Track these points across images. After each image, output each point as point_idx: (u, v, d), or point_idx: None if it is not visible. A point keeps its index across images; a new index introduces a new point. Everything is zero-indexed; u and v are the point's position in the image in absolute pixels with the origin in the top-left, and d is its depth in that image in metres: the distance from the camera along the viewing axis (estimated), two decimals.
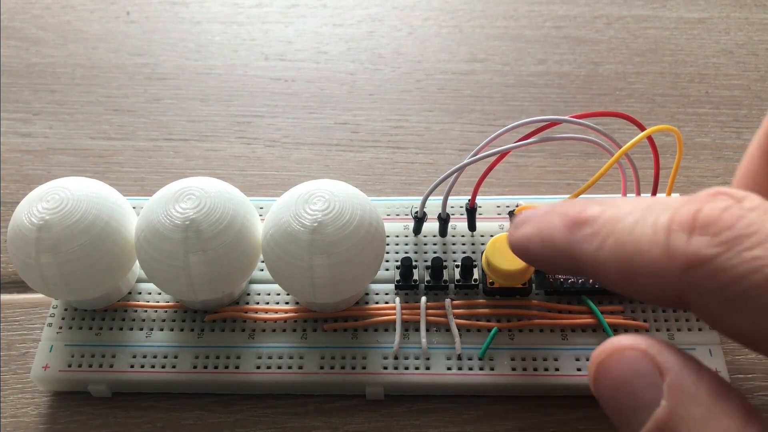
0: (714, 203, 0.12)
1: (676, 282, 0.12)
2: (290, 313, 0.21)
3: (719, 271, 0.12)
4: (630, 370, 0.13)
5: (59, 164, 0.27)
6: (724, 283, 0.12)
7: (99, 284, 0.20)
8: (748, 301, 0.11)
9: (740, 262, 0.11)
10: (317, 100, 0.29)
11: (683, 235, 0.12)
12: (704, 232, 0.12)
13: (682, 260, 0.12)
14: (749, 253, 0.11)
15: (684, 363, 0.12)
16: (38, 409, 0.21)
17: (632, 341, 0.13)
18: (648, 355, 0.13)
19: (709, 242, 0.12)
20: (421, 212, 0.22)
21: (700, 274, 0.12)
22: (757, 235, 0.12)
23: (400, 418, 0.20)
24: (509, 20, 0.32)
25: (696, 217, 0.12)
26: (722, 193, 0.13)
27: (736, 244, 0.12)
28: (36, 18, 0.33)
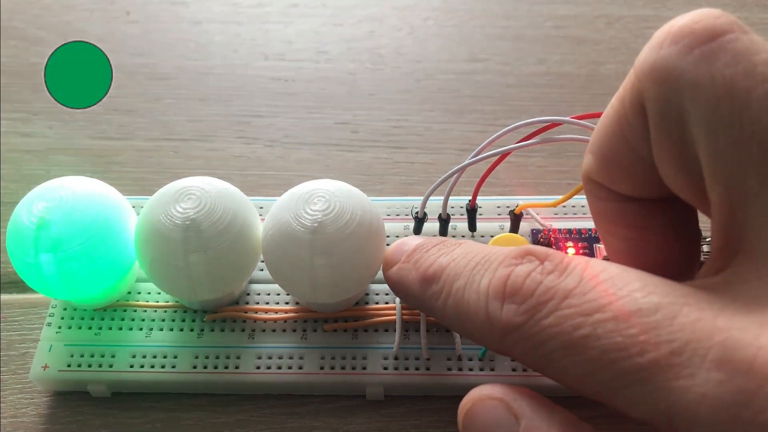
0: (521, 267, 0.14)
1: (499, 342, 0.14)
2: (290, 313, 0.21)
3: (526, 337, 0.13)
4: (490, 419, 0.14)
5: (59, 164, 0.27)
6: (531, 347, 0.13)
7: (99, 284, 0.20)
8: (550, 363, 0.13)
9: (539, 330, 0.13)
10: (317, 100, 0.29)
11: (497, 303, 0.14)
12: (512, 300, 0.14)
13: (499, 327, 0.14)
14: (545, 321, 0.13)
15: (536, 406, 0.14)
16: (38, 410, 0.21)
17: (490, 390, 0.15)
18: (504, 402, 0.14)
19: (516, 311, 0.14)
20: (422, 212, 0.22)
21: (514, 339, 0.14)
22: (552, 301, 0.13)
23: (400, 418, 0.20)
24: (509, 20, 0.32)
25: (506, 284, 0.14)
26: (530, 254, 0.14)
27: (535, 312, 0.13)
28: (36, 18, 0.33)
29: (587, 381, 0.13)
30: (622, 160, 0.15)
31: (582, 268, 0.13)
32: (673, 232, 0.16)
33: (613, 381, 0.12)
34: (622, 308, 0.12)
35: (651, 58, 0.14)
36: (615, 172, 0.15)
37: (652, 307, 0.12)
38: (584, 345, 0.12)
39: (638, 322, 0.12)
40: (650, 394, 0.12)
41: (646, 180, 0.15)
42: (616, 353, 0.12)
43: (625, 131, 0.15)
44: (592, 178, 0.16)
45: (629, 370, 0.12)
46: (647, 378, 0.12)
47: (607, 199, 0.16)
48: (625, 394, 0.12)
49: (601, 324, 0.12)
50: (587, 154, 0.16)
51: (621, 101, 0.15)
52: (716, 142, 0.12)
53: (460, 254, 0.16)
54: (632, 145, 0.15)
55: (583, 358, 0.12)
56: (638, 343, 0.12)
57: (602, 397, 0.13)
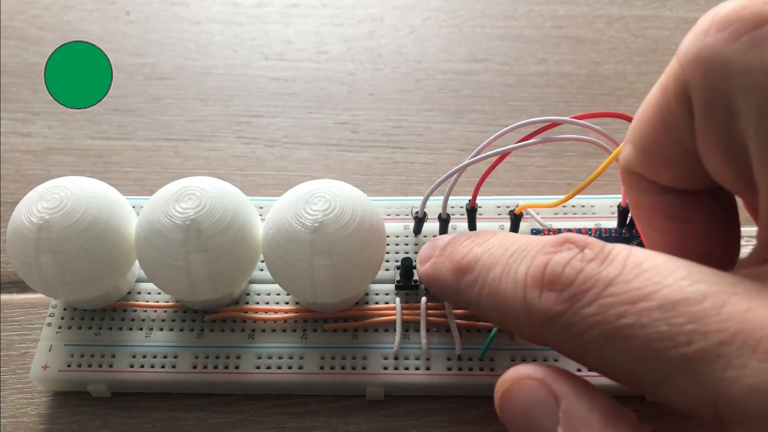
0: (560, 254, 0.14)
1: (536, 332, 0.14)
2: (290, 313, 0.21)
3: (566, 326, 0.13)
4: (529, 399, 0.14)
5: (59, 164, 0.27)
6: (571, 336, 0.13)
7: (99, 284, 0.20)
8: (591, 352, 0.13)
9: (580, 319, 0.13)
10: (317, 100, 0.29)
11: (536, 291, 0.14)
12: (551, 288, 0.13)
13: (537, 316, 0.14)
14: (586, 310, 0.13)
15: (578, 390, 0.14)
16: (38, 409, 0.21)
17: (530, 371, 0.14)
18: (545, 383, 0.14)
19: (556, 299, 0.13)
20: (422, 212, 0.22)
21: (553, 328, 0.13)
22: (593, 290, 0.13)
23: (400, 418, 0.20)
24: (509, 20, 0.32)
25: (545, 272, 0.14)
26: (569, 241, 0.14)
27: (576, 301, 0.13)
28: (36, 18, 0.33)
29: (631, 371, 0.12)
30: (665, 150, 0.15)
31: (624, 257, 0.13)
32: (714, 224, 0.16)
33: (658, 371, 0.12)
34: (667, 297, 0.12)
35: (696, 45, 0.13)
36: (657, 163, 0.15)
37: (700, 296, 0.12)
38: (628, 334, 0.12)
39: (685, 311, 0.12)
40: (697, 384, 0.11)
41: (689, 171, 0.15)
42: (662, 342, 0.12)
43: (668, 121, 0.14)
44: (632, 170, 0.16)
45: (676, 359, 0.11)
46: (694, 368, 0.11)
47: (647, 191, 0.16)
48: (671, 384, 0.12)
49: (646, 313, 0.12)
50: (626, 145, 0.16)
51: (663, 91, 0.14)
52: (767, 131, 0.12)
53: (495, 244, 0.16)
54: (676, 135, 0.14)
55: (626, 347, 0.12)
56: (685, 332, 0.11)
57: (645, 388, 0.12)
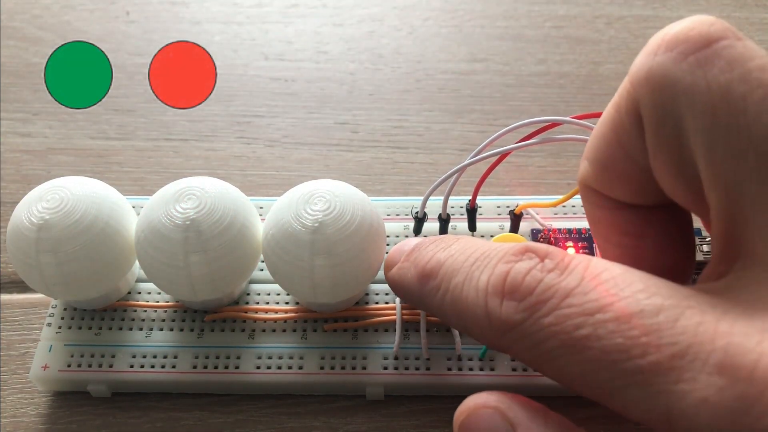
0: (520, 264, 0.14)
1: (498, 339, 0.14)
2: (290, 313, 0.21)
3: (525, 335, 0.13)
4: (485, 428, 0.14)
5: (59, 164, 0.27)
6: (530, 345, 0.13)
7: (99, 284, 0.20)
8: (548, 361, 0.13)
9: (538, 328, 0.13)
10: (317, 100, 0.29)
11: (497, 299, 0.14)
12: (511, 297, 0.14)
13: (498, 324, 0.14)
14: (545, 320, 0.13)
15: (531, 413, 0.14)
16: (38, 409, 0.21)
17: (484, 399, 0.15)
18: (499, 411, 0.14)
19: (516, 308, 0.13)
20: (422, 212, 0.22)
21: (513, 337, 0.14)
22: (552, 300, 0.13)
23: (400, 418, 0.20)
24: (509, 20, 0.32)
25: (505, 281, 0.14)
26: (529, 251, 0.14)
27: (535, 310, 0.13)
28: (36, 18, 0.33)
29: (586, 381, 0.13)
30: (619, 166, 0.15)
31: (583, 267, 0.13)
32: (669, 239, 0.16)
33: (613, 381, 0.12)
34: (624, 309, 0.12)
35: (646, 65, 0.14)
36: (611, 179, 0.15)
37: (655, 309, 0.12)
38: (584, 345, 0.12)
39: (640, 323, 0.12)
40: (650, 396, 0.12)
41: (642, 186, 0.15)
42: (617, 354, 0.12)
43: (621, 138, 0.15)
44: (588, 185, 0.16)
45: (630, 371, 0.12)
46: (648, 380, 0.12)
47: (603, 206, 0.16)
48: (625, 395, 0.12)
49: (602, 324, 0.12)
50: (583, 161, 0.16)
51: (617, 108, 0.15)
52: (713, 149, 0.12)
53: (458, 250, 0.16)
54: (628, 151, 0.15)
55: (582, 358, 0.12)
56: (640, 344, 0.12)
57: (601, 398, 0.13)
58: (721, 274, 0.13)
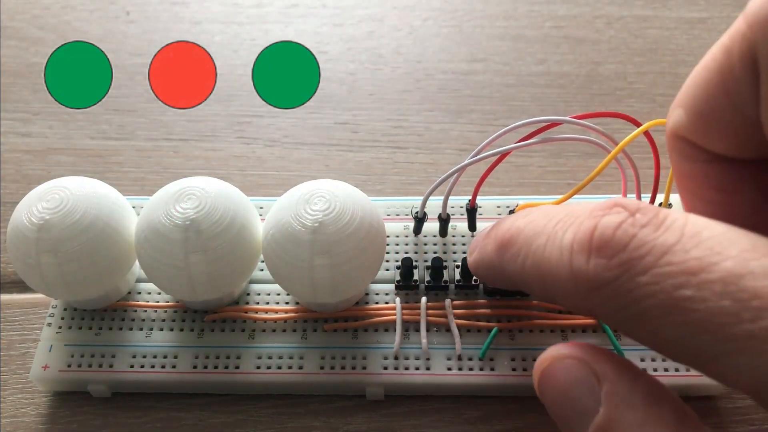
0: (609, 217, 0.13)
1: (583, 300, 0.13)
2: (290, 313, 0.21)
3: (617, 294, 0.12)
4: (570, 379, 0.14)
5: (59, 164, 0.27)
6: (622, 305, 0.12)
7: (99, 284, 0.20)
8: (643, 323, 0.12)
9: (634, 287, 0.12)
10: (317, 100, 0.29)
11: (583, 256, 0.13)
12: (600, 254, 0.13)
13: (585, 283, 0.13)
14: (641, 279, 0.12)
15: (620, 370, 0.13)
16: (38, 409, 0.21)
17: (570, 350, 0.14)
18: (586, 363, 0.13)
19: (606, 265, 0.12)
20: (422, 212, 0.22)
21: (602, 296, 0.13)
22: (648, 257, 0.12)
23: (400, 418, 0.20)
24: (509, 20, 0.32)
25: (593, 237, 0.13)
26: (618, 205, 0.13)
27: (629, 268, 0.12)
28: (36, 18, 0.33)
29: (685, 345, 0.12)
30: (722, 116, 0.14)
31: (681, 224, 0.12)
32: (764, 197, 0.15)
33: (717, 347, 0.11)
34: (731, 270, 0.11)
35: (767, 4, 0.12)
36: (711, 129, 0.14)
37: (765, 271, 0.11)
38: (687, 307, 0.11)
39: (750, 285, 0.11)
40: (759, 364, 0.11)
41: (746, 139, 0.14)
42: (725, 318, 0.11)
43: (728, 85, 0.13)
44: (681, 135, 0.15)
45: (738, 336, 0.11)
46: (757, 347, 0.11)
47: (696, 159, 0.15)
48: (729, 361, 0.11)
49: (707, 285, 0.11)
50: (675, 109, 0.15)
51: (727, 52, 0.13)
52: None
53: (539, 215, 0.15)
54: (736, 101, 0.13)
55: (684, 320, 0.11)
56: (751, 308, 0.11)
57: (698, 363, 0.12)
58: None
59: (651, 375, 0.13)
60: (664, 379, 0.19)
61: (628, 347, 0.20)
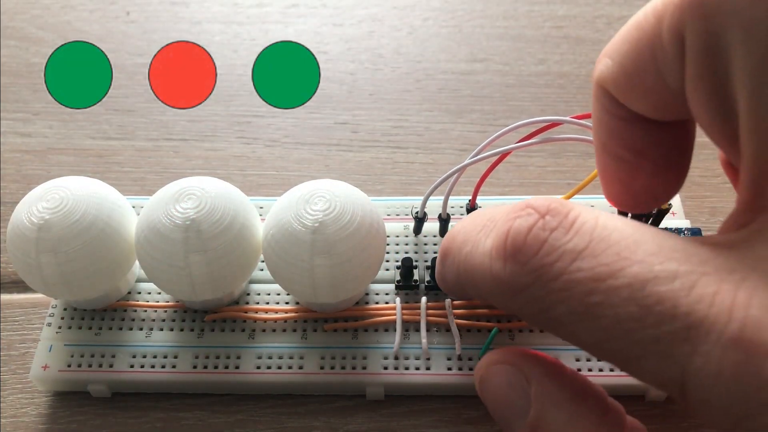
0: (520, 221, 0.13)
1: (509, 303, 0.13)
2: (290, 313, 0.21)
3: (534, 299, 0.13)
4: (503, 383, 0.14)
5: (59, 164, 0.27)
6: (540, 309, 0.13)
7: (99, 284, 0.20)
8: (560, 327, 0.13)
9: (547, 293, 0.12)
10: (317, 100, 0.29)
11: (500, 262, 0.13)
12: (514, 260, 0.13)
13: (505, 288, 0.13)
14: (553, 285, 0.12)
15: (548, 371, 0.14)
16: (38, 409, 0.21)
17: (503, 356, 0.15)
18: (516, 367, 0.14)
19: (520, 271, 0.13)
20: (422, 212, 0.22)
21: (521, 300, 0.13)
22: (558, 263, 0.12)
23: (400, 418, 0.20)
24: (509, 20, 0.32)
25: (506, 242, 0.13)
26: (529, 206, 0.13)
27: (541, 274, 0.12)
28: (36, 18, 0.33)
29: (600, 347, 0.12)
30: (645, 79, 0.14)
31: (591, 227, 0.12)
32: (668, 160, 0.15)
33: (627, 350, 0.12)
34: (637, 275, 0.11)
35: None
36: (633, 89, 0.14)
37: (670, 275, 0.11)
38: (597, 313, 0.12)
39: (654, 290, 0.11)
40: (666, 366, 0.11)
41: (665, 105, 0.14)
42: (631, 323, 0.11)
43: (656, 53, 0.13)
44: (604, 86, 0.15)
45: (644, 341, 0.11)
46: (663, 350, 0.11)
47: (613, 114, 0.15)
48: (639, 363, 0.12)
49: (614, 291, 0.12)
50: (604, 58, 0.15)
51: (658, 19, 0.13)
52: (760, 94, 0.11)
53: (469, 221, 0.15)
54: (662, 70, 0.13)
55: (595, 326, 0.12)
56: (654, 313, 0.11)
57: (616, 363, 0.12)
58: (742, 224, 0.12)
59: (579, 374, 0.14)
60: None
61: None
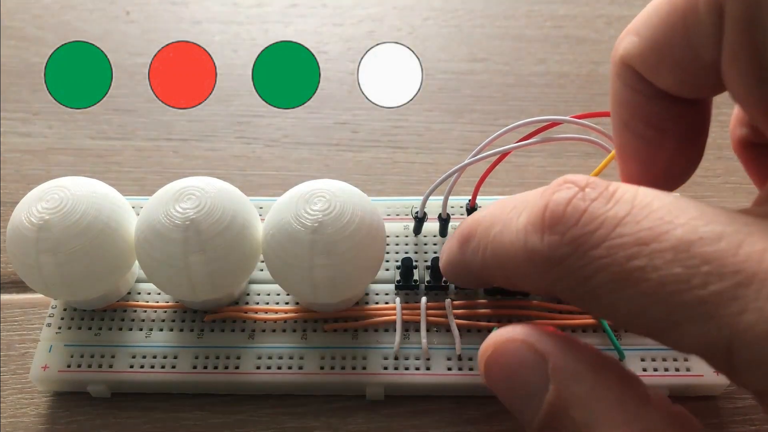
0: (559, 194, 0.13)
1: (541, 279, 0.13)
2: (290, 313, 0.21)
3: (572, 270, 0.12)
4: (515, 361, 0.14)
5: (59, 164, 0.27)
6: (579, 281, 0.12)
7: (98, 284, 0.20)
8: (600, 297, 0.12)
9: (587, 262, 0.12)
10: (317, 100, 0.29)
11: (537, 235, 0.13)
12: (553, 231, 0.13)
13: (541, 261, 0.13)
14: (594, 252, 0.12)
15: (563, 345, 0.13)
16: (38, 410, 0.21)
17: (511, 333, 0.14)
18: (528, 344, 0.13)
19: (559, 242, 0.12)
20: (422, 212, 0.22)
21: (559, 273, 0.13)
22: (600, 230, 0.12)
23: (400, 418, 0.20)
24: (509, 20, 0.32)
25: (545, 215, 0.13)
26: (568, 181, 0.13)
27: (582, 242, 0.12)
28: (36, 18, 0.33)
29: (642, 315, 0.12)
30: (676, 53, 0.13)
31: (631, 196, 0.12)
32: (689, 139, 0.15)
33: (672, 315, 0.11)
34: (681, 237, 0.11)
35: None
36: (662, 64, 0.14)
37: (715, 236, 0.11)
38: (640, 277, 0.11)
39: (700, 251, 0.11)
40: (711, 328, 0.11)
41: (696, 80, 0.13)
42: (676, 285, 0.11)
43: (689, 26, 0.13)
44: (628, 63, 0.14)
45: (690, 302, 0.11)
46: (709, 312, 0.11)
47: (638, 91, 0.15)
48: (681, 328, 0.11)
49: (658, 254, 0.11)
50: (628, 35, 0.14)
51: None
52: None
53: (495, 205, 0.15)
54: (694, 41, 0.13)
55: (638, 291, 0.11)
56: (701, 273, 0.11)
57: (656, 333, 0.12)
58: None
59: (592, 345, 0.13)
60: (663, 379, 0.19)
61: (629, 347, 0.20)
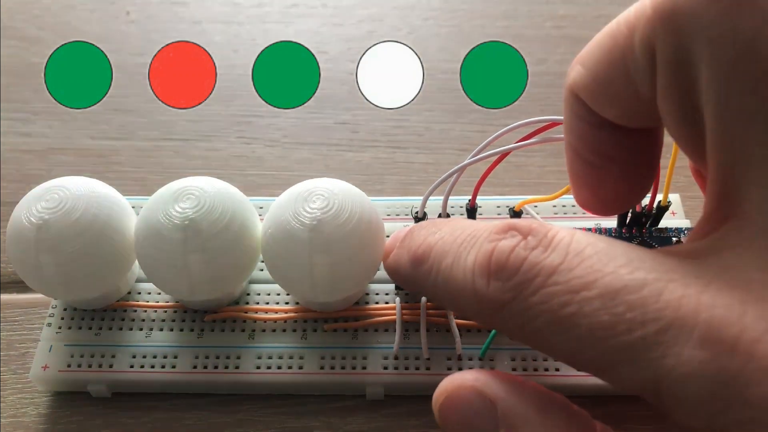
0: (504, 242, 0.14)
1: (489, 319, 0.14)
2: (290, 313, 0.21)
3: (515, 314, 0.13)
4: (466, 408, 0.14)
5: (59, 164, 0.27)
6: (519, 325, 0.13)
7: (98, 284, 0.20)
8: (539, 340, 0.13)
9: (526, 307, 0.13)
10: (317, 100, 0.29)
11: (484, 279, 0.14)
12: (497, 277, 0.14)
13: (487, 304, 0.14)
14: (532, 299, 0.13)
15: (510, 388, 0.14)
16: (38, 409, 0.21)
17: (461, 379, 0.15)
18: (477, 390, 0.14)
19: (502, 288, 0.14)
20: (422, 212, 0.22)
21: (503, 316, 0.14)
22: (537, 278, 0.13)
23: (400, 418, 0.20)
24: (509, 20, 0.32)
25: (491, 260, 0.14)
26: (512, 228, 0.14)
27: (522, 289, 0.13)
28: (36, 18, 0.33)
29: (577, 358, 0.13)
30: (617, 87, 0.14)
31: (567, 243, 0.13)
32: (636, 166, 0.16)
33: (603, 358, 0.12)
34: (608, 285, 0.12)
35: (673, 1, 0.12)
36: (604, 96, 0.15)
37: (638, 284, 0.12)
38: (572, 323, 0.12)
39: (625, 299, 0.12)
40: (639, 371, 0.12)
41: (635, 113, 0.14)
42: (603, 331, 0.12)
43: (628, 62, 0.14)
44: (575, 93, 0.15)
45: (617, 348, 0.12)
46: (635, 355, 0.12)
47: (584, 120, 0.15)
48: (614, 370, 0.12)
49: (587, 302, 0.12)
50: (576, 65, 0.15)
51: (630, 30, 0.13)
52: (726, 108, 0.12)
53: (447, 232, 0.16)
54: (633, 78, 0.14)
55: (571, 336, 0.12)
56: (625, 321, 0.12)
57: (594, 372, 0.13)
58: (708, 232, 0.13)
59: (539, 385, 0.14)
60: None
61: None
